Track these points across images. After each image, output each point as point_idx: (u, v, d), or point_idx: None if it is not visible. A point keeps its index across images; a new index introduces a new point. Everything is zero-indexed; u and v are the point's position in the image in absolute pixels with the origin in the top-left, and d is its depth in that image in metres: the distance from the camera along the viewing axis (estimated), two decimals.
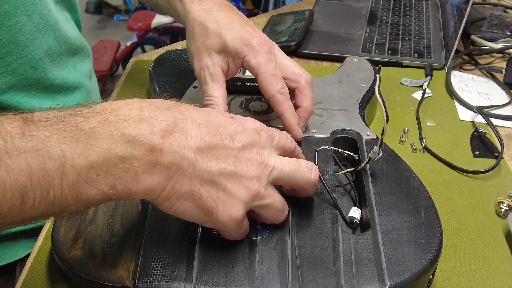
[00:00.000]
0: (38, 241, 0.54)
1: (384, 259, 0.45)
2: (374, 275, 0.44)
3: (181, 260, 0.45)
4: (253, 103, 0.67)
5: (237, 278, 0.44)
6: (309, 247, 0.47)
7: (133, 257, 0.46)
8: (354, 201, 0.57)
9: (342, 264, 0.45)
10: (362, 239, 0.47)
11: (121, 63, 2.63)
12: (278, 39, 0.93)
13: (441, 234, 0.48)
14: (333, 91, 0.69)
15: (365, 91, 0.69)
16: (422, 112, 0.75)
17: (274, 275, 0.44)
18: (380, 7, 1.11)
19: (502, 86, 0.83)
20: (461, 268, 0.52)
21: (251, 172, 0.43)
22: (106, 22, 3.50)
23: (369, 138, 0.60)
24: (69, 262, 0.46)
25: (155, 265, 0.45)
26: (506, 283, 0.50)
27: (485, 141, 0.70)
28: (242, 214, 0.43)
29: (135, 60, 0.91)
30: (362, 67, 0.76)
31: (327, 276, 0.44)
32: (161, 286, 0.43)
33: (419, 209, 0.50)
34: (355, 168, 0.56)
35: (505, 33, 0.99)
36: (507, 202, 0.58)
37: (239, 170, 0.42)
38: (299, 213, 0.50)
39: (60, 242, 0.48)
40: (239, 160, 0.42)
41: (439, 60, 0.89)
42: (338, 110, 0.66)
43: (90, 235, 0.48)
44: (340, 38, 0.97)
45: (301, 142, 0.60)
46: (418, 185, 0.53)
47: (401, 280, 0.43)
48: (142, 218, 0.49)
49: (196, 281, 0.43)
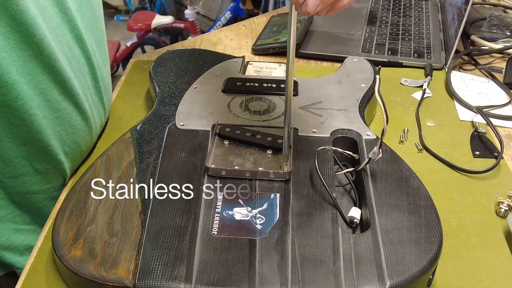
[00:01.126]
0: (38, 241, 0.54)
1: (384, 258, 0.45)
2: (374, 275, 0.44)
3: (181, 260, 0.45)
4: (253, 103, 0.67)
5: (237, 278, 0.44)
6: (309, 247, 0.47)
7: (133, 257, 0.46)
8: (354, 201, 0.57)
9: (342, 264, 0.45)
10: (362, 239, 0.47)
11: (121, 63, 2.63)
12: (278, 39, 0.93)
13: (441, 234, 0.48)
14: (333, 91, 0.70)
15: (365, 91, 0.69)
16: (422, 112, 0.75)
17: (274, 275, 0.44)
18: (380, 7, 1.11)
19: (502, 86, 0.83)
20: (461, 268, 0.52)
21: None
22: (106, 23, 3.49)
23: (369, 138, 0.60)
24: (69, 262, 0.46)
25: (155, 265, 0.45)
26: (506, 283, 0.50)
27: (485, 141, 0.70)
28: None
29: (135, 61, 0.91)
30: (362, 67, 0.76)
31: (327, 275, 0.44)
32: (161, 286, 0.43)
33: (419, 209, 0.50)
34: (355, 168, 0.56)
35: (505, 33, 0.99)
36: (507, 202, 0.57)
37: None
38: (299, 213, 0.50)
39: (60, 242, 0.48)
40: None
41: (439, 60, 0.89)
42: (338, 110, 0.66)
43: (90, 235, 0.48)
44: (340, 38, 0.97)
45: (301, 142, 0.60)
46: (418, 185, 0.53)
47: (401, 279, 0.44)
48: (142, 218, 0.50)
49: (196, 281, 0.43)
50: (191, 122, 0.63)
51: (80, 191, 0.53)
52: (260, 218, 0.50)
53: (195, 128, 0.62)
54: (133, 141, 0.60)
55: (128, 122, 0.72)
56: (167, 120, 0.63)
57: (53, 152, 0.58)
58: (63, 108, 0.58)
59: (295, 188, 0.53)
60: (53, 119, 0.57)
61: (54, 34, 0.54)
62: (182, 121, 0.63)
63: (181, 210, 0.50)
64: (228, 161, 0.57)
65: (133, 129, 0.62)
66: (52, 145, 0.58)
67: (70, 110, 0.59)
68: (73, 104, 0.59)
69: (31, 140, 0.56)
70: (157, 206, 0.51)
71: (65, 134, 0.59)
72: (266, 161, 0.57)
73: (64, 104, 0.58)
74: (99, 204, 0.51)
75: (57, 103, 0.56)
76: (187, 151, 0.58)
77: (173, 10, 2.96)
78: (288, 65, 0.51)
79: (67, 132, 0.59)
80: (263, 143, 0.59)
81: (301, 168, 0.56)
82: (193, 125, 0.63)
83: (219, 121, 0.63)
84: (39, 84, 0.54)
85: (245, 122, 0.63)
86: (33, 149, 0.57)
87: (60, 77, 0.55)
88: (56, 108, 0.57)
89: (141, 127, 0.63)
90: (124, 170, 0.56)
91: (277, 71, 0.77)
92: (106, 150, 0.59)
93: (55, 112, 0.57)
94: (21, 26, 0.49)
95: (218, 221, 0.49)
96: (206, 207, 0.51)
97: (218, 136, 0.61)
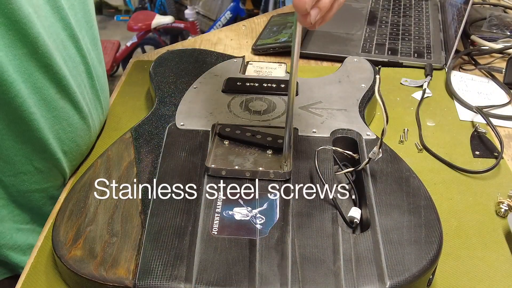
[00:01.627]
0: (38, 241, 0.54)
1: (384, 258, 0.45)
2: (374, 275, 0.44)
3: (181, 260, 0.45)
4: (253, 103, 0.67)
5: (237, 278, 0.44)
6: (309, 247, 0.47)
7: (133, 256, 0.46)
8: (354, 201, 0.57)
9: (342, 263, 0.45)
10: (362, 239, 0.47)
11: (121, 63, 2.63)
12: (278, 39, 0.93)
13: (441, 234, 0.48)
14: (333, 91, 0.70)
15: (365, 91, 0.70)
16: (422, 112, 0.75)
17: (274, 275, 0.44)
18: (380, 7, 1.11)
19: (502, 86, 0.83)
20: (461, 268, 0.52)
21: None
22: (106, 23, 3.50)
23: (369, 138, 0.60)
24: (69, 262, 0.46)
25: (155, 265, 0.45)
26: (506, 283, 0.50)
27: (485, 141, 0.70)
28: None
29: (135, 61, 0.91)
30: (362, 67, 0.76)
31: (327, 275, 0.44)
32: (161, 286, 0.43)
33: (419, 209, 0.50)
34: (355, 168, 0.56)
35: (505, 33, 0.99)
36: (507, 202, 0.57)
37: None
38: (299, 213, 0.50)
39: (60, 242, 0.48)
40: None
41: (439, 60, 0.89)
42: (338, 110, 0.66)
43: (90, 235, 0.48)
44: (340, 38, 0.97)
45: (301, 142, 0.60)
46: (418, 184, 0.53)
47: (401, 279, 0.44)
48: (142, 218, 0.50)
49: (196, 280, 0.43)
50: (191, 122, 0.63)
51: (80, 191, 0.53)
52: (260, 218, 0.50)
53: (195, 128, 0.62)
54: (133, 141, 0.60)
55: (128, 122, 0.72)
56: (167, 120, 0.63)
57: (52, 151, 0.58)
58: (60, 106, 0.58)
59: (295, 188, 0.53)
60: (51, 118, 0.57)
61: (48, 32, 0.54)
62: (182, 121, 0.63)
63: (181, 210, 0.50)
64: (228, 161, 0.57)
65: (133, 129, 0.62)
66: (50, 144, 0.58)
67: (68, 108, 0.59)
68: (70, 102, 0.59)
69: (31, 139, 0.56)
70: (157, 206, 0.51)
71: (64, 133, 0.59)
72: (266, 161, 0.57)
73: (61, 103, 0.58)
74: (99, 204, 0.51)
75: (54, 102, 0.57)
76: (187, 151, 0.58)
77: (173, 10, 2.96)
78: (291, 72, 0.51)
79: (65, 131, 0.59)
80: (263, 143, 0.59)
81: (301, 168, 0.56)
82: (193, 125, 0.63)
83: (219, 121, 0.63)
84: (35, 82, 0.54)
85: (245, 122, 0.63)
86: (32, 147, 0.57)
87: (56, 76, 0.55)
88: (53, 106, 0.57)
89: (141, 127, 0.63)
90: (124, 170, 0.56)
91: (277, 71, 0.77)
92: (106, 150, 0.59)
93: (53, 111, 0.57)
94: (16, 24, 0.49)
95: (218, 221, 0.49)
96: (206, 207, 0.51)
97: (218, 136, 0.61)
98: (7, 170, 0.57)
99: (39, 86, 0.54)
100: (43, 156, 0.58)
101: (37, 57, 0.53)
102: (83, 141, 0.63)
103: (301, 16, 0.46)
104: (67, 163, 0.62)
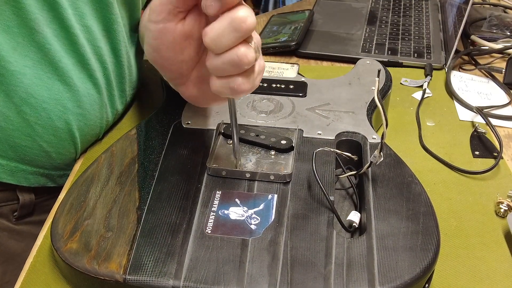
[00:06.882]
0: (38, 240, 0.55)
1: (377, 264, 0.44)
2: (365, 280, 0.43)
3: (173, 257, 0.45)
4: (260, 103, 0.67)
5: (226, 277, 0.44)
6: (302, 249, 0.46)
7: (126, 252, 0.46)
8: (356, 204, 0.56)
9: (333, 267, 0.44)
10: (356, 243, 0.47)
11: None
12: (278, 39, 0.93)
13: (438, 242, 0.47)
14: (342, 93, 0.69)
15: None
16: (422, 112, 0.75)
17: (263, 276, 0.44)
18: (380, 7, 1.11)
19: (501, 86, 0.82)
20: (460, 268, 0.50)
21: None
22: None
23: (375, 142, 0.60)
24: (64, 254, 0.46)
25: (146, 261, 0.45)
26: (506, 283, 0.49)
27: (484, 141, 0.69)
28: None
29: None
30: (374, 70, 0.75)
31: (316, 279, 0.43)
32: (150, 281, 0.44)
33: (417, 215, 0.49)
34: (357, 172, 0.55)
35: (505, 33, 0.98)
36: (507, 202, 0.56)
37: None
38: (295, 215, 0.50)
39: (58, 234, 0.49)
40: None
41: (439, 60, 0.88)
42: (345, 112, 0.65)
43: (87, 228, 0.49)
44: (340, 38, 0.97)
45: (305, 144, 0.59)
46: (419, 191, 0.52)
47: (392, 286, 0.43)
48: (138, 214, 0.50)
49: (185, 278, 0.44)
50: (197, 121, 0.64)
51: (82, 185, 0.54)
52: (255, 218, 0.49)
53: (201, 127, 0.62)
54: (138, 137, 0.61)
55: (134, 119, 0.73)
56: (173, 118, 0.64)
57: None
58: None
59: (294, 189, 0.53)
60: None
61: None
62: (188, 120, 0.64)
63: (177, 208, 0.51)
64: (230, 161, 0.57)
65: (138, 125, 0.63)
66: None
67: (83, 78, 0.61)
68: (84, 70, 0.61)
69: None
70: (154, 203, 0.51)
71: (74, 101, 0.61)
72: (268, 162, 0.57)
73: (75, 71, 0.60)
74: (98, 198, 0.52)
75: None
76: (190, 150, 0.59)
77: None
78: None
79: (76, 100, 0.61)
80: (267, 144, 0.59)
81: (302, 170, 0.55)
82: (198, 124, 0.63)
83: (224, 120, 0.63)
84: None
85: (250, 122, 0.63)
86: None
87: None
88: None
89: (147, 124, 0.63)
90: (126, 166, 0.56)
91: (289, 72, 0.77)
92: (111, 146, 0.60)
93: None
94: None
95: (212, 220, 0.49)
96: (203, 205, 0.51)
97: (222, 136, 0.61)
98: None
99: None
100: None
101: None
102: (94, 112, 0.64)
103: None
104: (79, 138, 0.63)
